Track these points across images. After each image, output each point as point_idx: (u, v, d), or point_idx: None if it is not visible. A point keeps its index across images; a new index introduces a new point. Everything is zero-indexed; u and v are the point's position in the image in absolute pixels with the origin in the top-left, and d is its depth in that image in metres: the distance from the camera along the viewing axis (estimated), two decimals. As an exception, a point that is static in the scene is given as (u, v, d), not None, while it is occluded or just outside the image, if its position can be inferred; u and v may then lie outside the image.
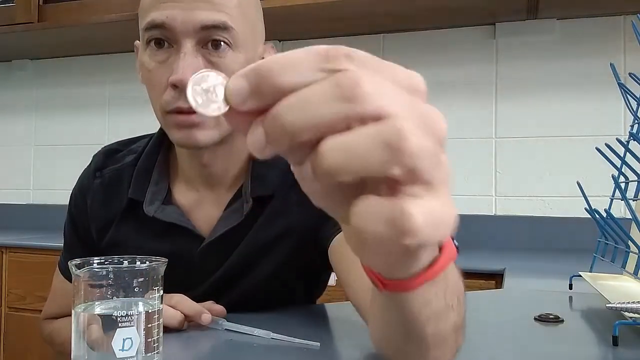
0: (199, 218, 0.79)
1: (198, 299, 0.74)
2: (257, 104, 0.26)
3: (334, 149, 0.24)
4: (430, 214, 0.25)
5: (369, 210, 0.25)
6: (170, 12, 0.65)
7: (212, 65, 0.67)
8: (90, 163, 0.87)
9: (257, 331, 0.67)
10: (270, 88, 0.26)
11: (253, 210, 0.76)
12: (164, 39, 0.68)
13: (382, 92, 0.26)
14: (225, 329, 0.69)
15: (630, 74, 0.81)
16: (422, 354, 0.42)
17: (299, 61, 0.27)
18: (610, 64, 0.89)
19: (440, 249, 0.34)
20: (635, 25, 0.77)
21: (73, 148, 2.51)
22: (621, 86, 0.82)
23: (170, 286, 0.76)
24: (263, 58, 0.69)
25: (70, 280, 0.50)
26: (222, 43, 0.67)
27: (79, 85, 2.56)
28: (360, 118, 0.25)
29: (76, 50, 2.50)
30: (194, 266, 0.78)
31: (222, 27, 0.66)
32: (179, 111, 0.67)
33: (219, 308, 0.72)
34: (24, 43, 2.40)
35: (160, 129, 0.81)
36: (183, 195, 0.80)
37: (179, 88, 0.65)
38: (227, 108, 0.27)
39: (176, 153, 0.81)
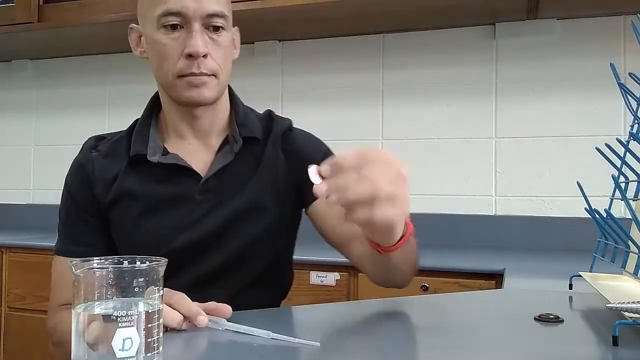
0: (193, 163, 0.94)
1: (201, 238, 0.91)
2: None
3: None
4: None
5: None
6: (184, 3, 0.86)
7: (213, 41, 0.89)
8: (82, 147, 1.01)
9: (257, 331, 0.67)
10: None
11: (242, 150, 0.95)
12: (178, 23, 0.87)
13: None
14: (226, 329, 0.69)
15: (630, 74, 0.81)
16: (400, 276, 0.86)
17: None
18: (610, 64, 0.89)
19: (406, 226, 0.73)
20: (635, 25, 0.77)
21: (73, 148, 2.50)
22: (621, 86, 0.82)
23: (173, 226, 0.90)
24: (234, 38, 0.96)
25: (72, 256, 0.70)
26: (219, 27, 0.89)
27: (79, 85, 2.56)
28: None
29: (76, 50, 2.50)
30: (195, 204, 0.92)
31: (221, 15, 0.89)
32: (192, 74, 0.87)
33: (224, 308, 0.72)
34: (24, 43, 2.41)
35: (152, 98, 1.00)
36: (177, 147, 0.95)
37: (193, 57, 0.86)
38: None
39: (167, 115, 0.97)
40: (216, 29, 0.89)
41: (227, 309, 0.72)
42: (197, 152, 0.96)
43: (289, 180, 0.97)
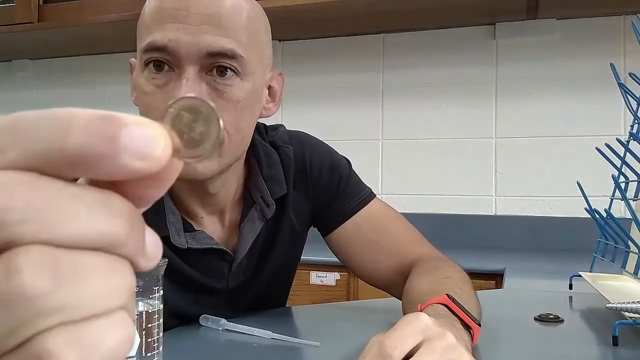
0: (215, 237, 0.76)
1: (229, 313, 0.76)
2: None
3: None
4: None
5: None
6: (175, 35, 0.60)
7: (217, 92, 0.62)
8: None
9: (257, 331, 0.67)
10: None
11: (273, 216, 0.78)
12: (164, 62, 0.62)
13: None
14: (226, 329, 0.69)
15: (630, 74, 0.81)
16: None
17: None
18: (610, 64, 0.89)
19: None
20: (635, 25, 0.77)
21: (73, 148, 2.51)
22: (621, 86, 0.82)
23: (205, 310, 0.74)
24: (270, 86, 0.71)
25: None
26: (228, 70, 0.62)
27: (79, 85, 2.56)
28: None
29: (76, 50, 2.50)
30: (228, 284, 0.78)
31: (230, 55, 0.62)
32: None
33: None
34: (24, 43, 2.40)
35: None
36: (193, 220, 0.75)
37: None
38: None
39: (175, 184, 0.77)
40: (222, 72, 0.62)
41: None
42: (213, 226, 0.77)
43: (305, 215, 0.84)
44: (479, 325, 0.56)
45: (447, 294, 0.58)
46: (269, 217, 0.77)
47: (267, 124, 0.86)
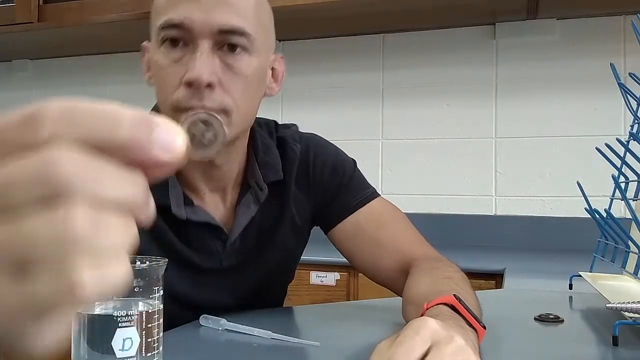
0: (214, 216, 0.79)
1: (222, 302, 0.79)
2: None
3: None
4: None
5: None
6: (189, 13, 0.65)
7: (228, 66, 0.67)
8: None
9: (257, 331, 0.67)
10: None
11: (267, 199, 0.80)
12: (179, 38, 0.67)
13: None
14: (226, 329, 0.69)
15: (630, 74, 0.81)
16: None
17: None
18: (610, 64, 0.89)
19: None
20: (635, 25, 0.77)
21: (73, 148, 2.51)
22: (621, 86, 0.82)
23: (202, 292, 0.77)
24: (273, 68, 0.78)
25: None
26: (238, 47, 0.68)
27: (79, 85, 2.56)
28: None
29: (76, 50, 2.50)
30: (221, 271, 0.80)
31: (240, 32, 0.67)
32: (191, 109, 0.65)
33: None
34: (24, 43, 2.40)
35: None
36: (194, 196, 0.77)
37: (193, 87, 0.65)
38: None
39: None
40: (232, 48, 0.67)
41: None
42: (215, 204, 0.80)
43: (306, 212, 0.86)
44: (484, 327, 0.57)
45: (454, 295, 0.58)
46: (262, 200, 0.79)
47: (280, 123, 0.91)
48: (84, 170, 0.21)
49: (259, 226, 0.81)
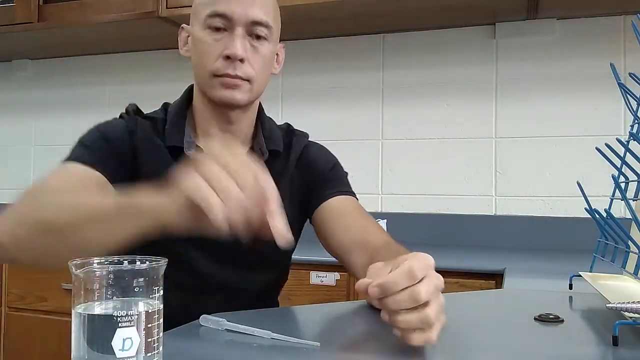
0: None
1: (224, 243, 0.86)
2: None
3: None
4: None
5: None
6: (232, 7, 0.88)
7: (254, 48, 0.91)
8: (126, 110, 0.99)
9: (257, 331, 0.67)
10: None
11: (266, 162, 0.95)
12: (222, 26, 0.89)
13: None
14: (226, 329, 0.69)
15: (630, 74, 0.81)
16: None
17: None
18: (610, 64, 0.89)
19: None
20: (635, 25, 0.77)
21: (73, 148, 2.51)
22: (621, 86, 0.82)
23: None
24: (277, 53, 1.01)
25: (95, 167, 0.84)
26: (262, 36, 0.91)
27: (79, 85, 2.56)
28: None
29: (76, 50, 2.50)
30: None
31: (265, 25, 0.91)
32: (227, 75, 0.89)
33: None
34: (24, 43, 2.40)
35: (186, 92, 1.01)
36: (206, 147, 0.96)
37: (231, 59, 0.88)
38: None
39: (199, 113, 0.98)
40: (258, 37, 0.91)
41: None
42: None
43: (301, 190, 1.03)
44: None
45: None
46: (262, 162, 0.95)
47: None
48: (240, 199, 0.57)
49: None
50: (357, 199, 1.06)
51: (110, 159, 0.89)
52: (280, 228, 0.61)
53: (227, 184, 0.58)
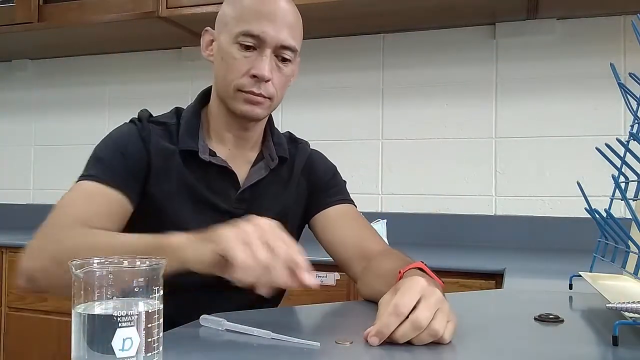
0: (233, 168, 1.00)
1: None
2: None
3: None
4: None
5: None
6: (266, 29, 0.91)
7: (279, 69, 0.95)
8: (138, 116, 1.00)
9: (257, 331, 0.67)
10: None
11: (275, 168, 1.02)
12: (252, 45, 0.92)
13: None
14: (226, 329, 0.69)
15: (630, 74, 0.81)
16: None
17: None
18: (610, 64, 0.89)
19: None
20: (635, 25, 0.77)
21: (73, 148, 2.51)
22: (621, 86, 0.82)
23: (207, 224, 0.86)
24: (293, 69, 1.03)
25: (118, 188, 0.88)
26: (288, 59, 0.95)
27: (79, 85, 2.56)
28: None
29: (76, 50, 2.50)
30: (230, 210, 0.97)
31: (292, 49, 0.95)
32: (252, 93, 0.92)
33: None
34: (24, 43, 2.40)
35: (200, 96, 1.04)
36: (219, 151, 1.00)
37: (257, 79, 0.92)
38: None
39: (214, 119, 1.01)
40: (284, 60, 0.94)
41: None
42: (235, 160, 1.00)
43: (304, 196, 1.08)
44: (442, 282, 0.78)
45: (421, 261, 0.81)
46: (271, 167, 1.02)
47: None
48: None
49: (267, 188, 1.02)
50: (355, 206, 1.10)
51: (128, 175, 0.93)
52: (314, 284, 0.72)
53: (259, 246, 0.65)
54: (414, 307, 0.61)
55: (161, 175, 0.95)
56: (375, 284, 0.88)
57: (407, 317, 0.61)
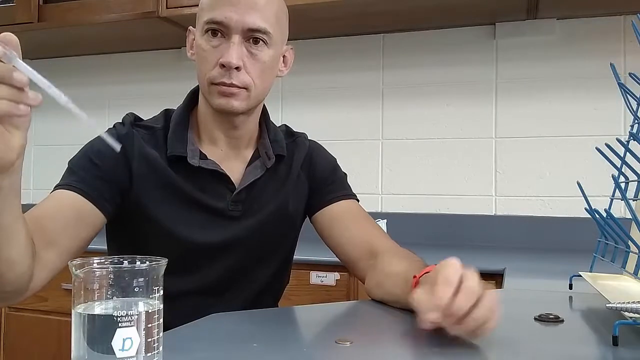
0: (227, 170, 0.96)
1: (226, 242, 0.95)
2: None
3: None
4: None
5: None
6: (228, 14, 0.87)
7: (251, 55, 0.89)
8: (122, 121, 0.97)
9: (51, 90, 0.61)
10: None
11: (271, 166, 0.99)
12: (218, 31, 0.88)
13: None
14: (13, 66, 0.61)
15: (630, 74, 0.81)
16: None
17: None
18: (610, 64, 0.89)
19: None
20: (635, 25, 0.77)
21: (73, 148, 2.50)
22: (621, 86, 0.82)
23: (200, 228, 0.93)
24: (284, 56, 1.01)
25: (89, 198, 0.86)
26: (260, 41, 0.90)
27: (79, 85, 2.56)
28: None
29: (76, 50, 2.50)
30: (226, 212, 0.95)
31: (262, 31, 0.89)
32: (222, 84, 0.88)
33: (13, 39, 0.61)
34: (24, 43, 2.37)
35: (188, 96, 1.00)
36: (211, 153, 0.96)
37: (225, 68, 0.87)
38: None
39: (203, 118, 0.97)
40: (256, 41, 0.89)
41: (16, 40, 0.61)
42: (229, 161, 0.98)
43: (304, 190, 1.05)
44: None
45: (434, 264, 0.76)
46: (268, 167, 0.99)
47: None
48: None
49: (264, 187, 0.99)
50: (357, 199, 1.08)
51: (103, 184, 0.89)
52: None
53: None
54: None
55: (146, 181, 0.91)
56: (385, 284, 0.87)
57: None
